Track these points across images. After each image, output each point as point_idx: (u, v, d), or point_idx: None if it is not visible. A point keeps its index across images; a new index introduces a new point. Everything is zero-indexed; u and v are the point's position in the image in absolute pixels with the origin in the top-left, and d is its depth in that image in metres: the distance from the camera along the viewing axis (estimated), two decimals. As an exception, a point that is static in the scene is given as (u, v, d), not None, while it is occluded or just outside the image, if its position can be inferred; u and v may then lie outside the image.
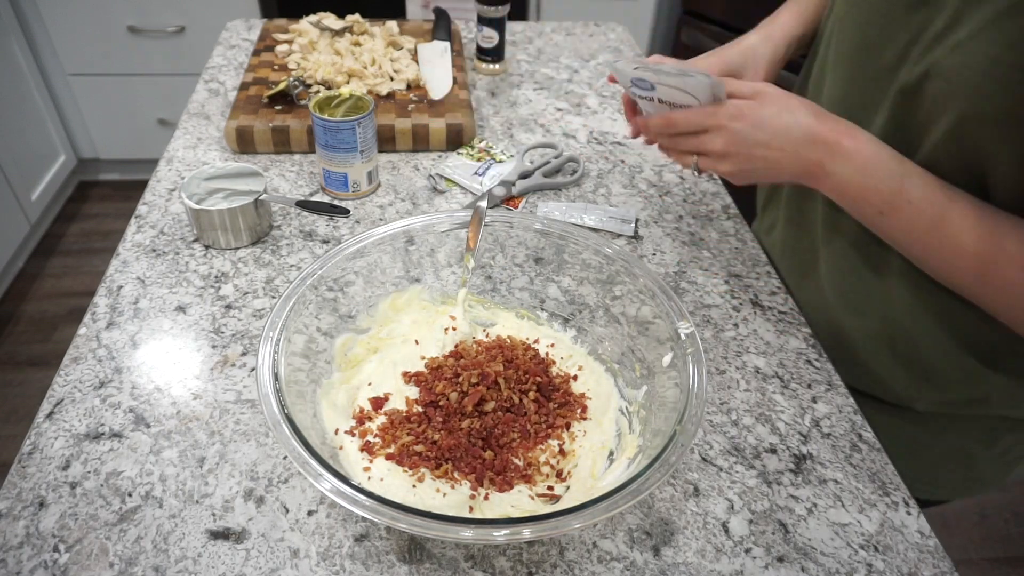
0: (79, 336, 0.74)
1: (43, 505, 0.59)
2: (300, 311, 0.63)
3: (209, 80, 1.20)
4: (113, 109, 2.34)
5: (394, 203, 0.95)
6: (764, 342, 0.78)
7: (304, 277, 0.64)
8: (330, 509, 0.60)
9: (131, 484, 0.61)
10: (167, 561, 0.56)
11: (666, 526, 0.60)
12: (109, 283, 0.81)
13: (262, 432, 0.66)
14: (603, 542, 0.59)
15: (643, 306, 0.67)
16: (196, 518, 0.59)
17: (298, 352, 0.62)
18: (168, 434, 0.65)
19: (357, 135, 0.89)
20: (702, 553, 0.59)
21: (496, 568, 0.57)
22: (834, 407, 0.71)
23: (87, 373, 0.71)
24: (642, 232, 0.93)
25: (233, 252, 0.86)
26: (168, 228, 0.89)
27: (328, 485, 0.49)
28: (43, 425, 0.66)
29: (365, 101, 0.92)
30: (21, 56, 2.12)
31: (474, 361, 0.68)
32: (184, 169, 0.99)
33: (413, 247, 0.72)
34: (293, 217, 0.91)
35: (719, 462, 0.66)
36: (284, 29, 1.27)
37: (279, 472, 0.63)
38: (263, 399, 0.54)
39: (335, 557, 0.57)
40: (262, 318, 0.77)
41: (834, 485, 0.64)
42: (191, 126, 1.08)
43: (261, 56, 1.19)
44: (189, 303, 0.79)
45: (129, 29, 2.17)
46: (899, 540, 0.60)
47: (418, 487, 0.59)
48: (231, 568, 0.56)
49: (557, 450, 0.63)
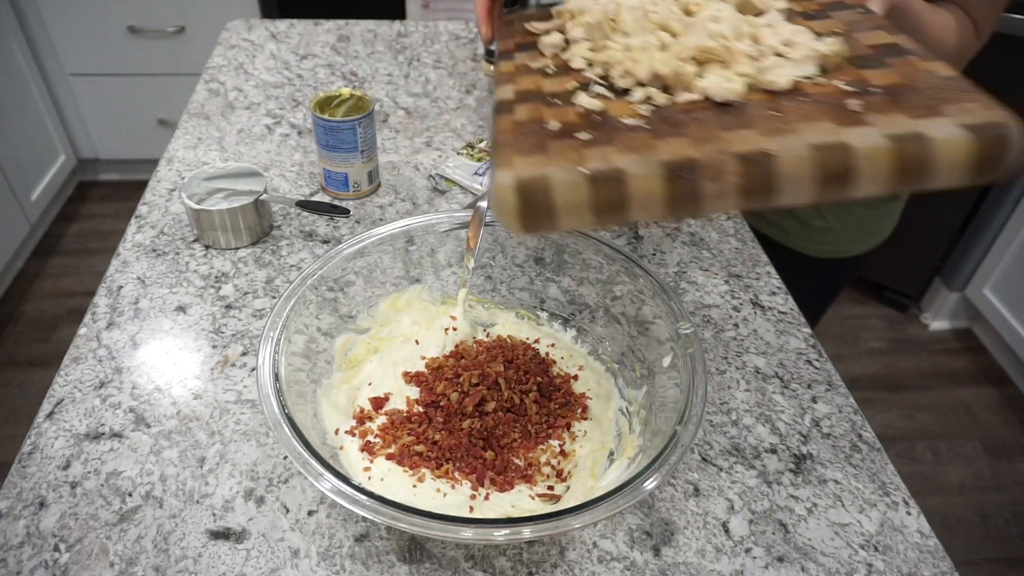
0: (79, 336, 0.74)
1: (43, 505, 0.59)
2: (300, 311, 0.63)
3: (209, 80, 1.20)
4: (113, 109, 2.34)
5: (394, 203, 0.95)
6: (764, 342, 0.78)
7: (304, 277, 0.64)
8: (330, 509, 0.60)
9: (131, 484, 0.61)
10: (167, 561, 0.56)
11: (666, 526, 0.61)
12: (109, 283, 0.81)
13: (262, 432, 0.66)
14: (603, 542, 0.59)
15: (643, 306, 0.67)
16: (196, 518, 0.59)
17: (298, 352, 0.62)
18: (168, 434, 0.65)
19: (357, 135, 0.89)
20: (702, 553, 0.59)
21: (496, 568, 0.57)
22: (834, 407, 0.71)
23: (87, 373, 0.71)
24: (642, 232, 0.93)
25: (233, 252, 0.86)
26: (168, 228, 0.89)
27: (328, 485, 0.49)
28: (43, 425, 0.66)
29: (365, 101, 0.92)
30: (21, 56, 2.12)
31: (474, 361, 0.68)
32: (184, 169, 0.99)
33: (413, 247, 0.72)
34: (293, 217, 0.91)
35: (719, 462, 0.66)
36: (534, 16, 0.68)
37: (279, 472, 0.63)
38: (263, 399, 0.54)
39: (335, 557, 0.57)
40: (262, 318, 0.77)
41: (834, 485, 0.64)
42: (191, 126, 1.08)
43: (515, 59, 0.62)
44: (189, 303, 0.79)
45: (129, 29, 2.17)
46: (899, 540, 0.60)
47: (418, 487, 0.59)
48: (231, 568, 0.56)
49: (558, 450, 0.63)
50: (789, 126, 0.43)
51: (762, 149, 0.42)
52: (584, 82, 0.54)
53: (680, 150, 0.43)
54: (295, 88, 1.19)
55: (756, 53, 0.53)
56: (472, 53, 1.32)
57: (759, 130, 0.44)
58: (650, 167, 0.42)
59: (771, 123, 0.44)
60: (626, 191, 0.43)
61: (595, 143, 0.45)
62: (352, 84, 1.21)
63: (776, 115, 0.45)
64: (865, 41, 0.51)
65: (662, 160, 0.42)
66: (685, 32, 0.55)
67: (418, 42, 1.35)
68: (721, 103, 0.48)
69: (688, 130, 0.45)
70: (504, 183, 0.43)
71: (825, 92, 0.47)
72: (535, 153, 0.45)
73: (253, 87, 1.19)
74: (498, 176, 0.44)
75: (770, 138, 0.42)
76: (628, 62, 0.53)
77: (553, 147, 0.45)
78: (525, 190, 0.43)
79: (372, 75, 1.24)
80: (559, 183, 0.43)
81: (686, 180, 0.42)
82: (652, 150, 0.43)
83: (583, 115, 0.49)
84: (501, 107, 0.54)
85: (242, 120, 1.10)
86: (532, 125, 0.49)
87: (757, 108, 0.46)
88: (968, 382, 1.99)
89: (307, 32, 1.37)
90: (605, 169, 0.42)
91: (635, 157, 0.43)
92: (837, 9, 0.57)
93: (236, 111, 1.12)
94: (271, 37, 1.35)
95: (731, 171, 0.41)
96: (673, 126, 0.46)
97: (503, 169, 0.44)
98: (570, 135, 0.46)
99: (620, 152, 0.44)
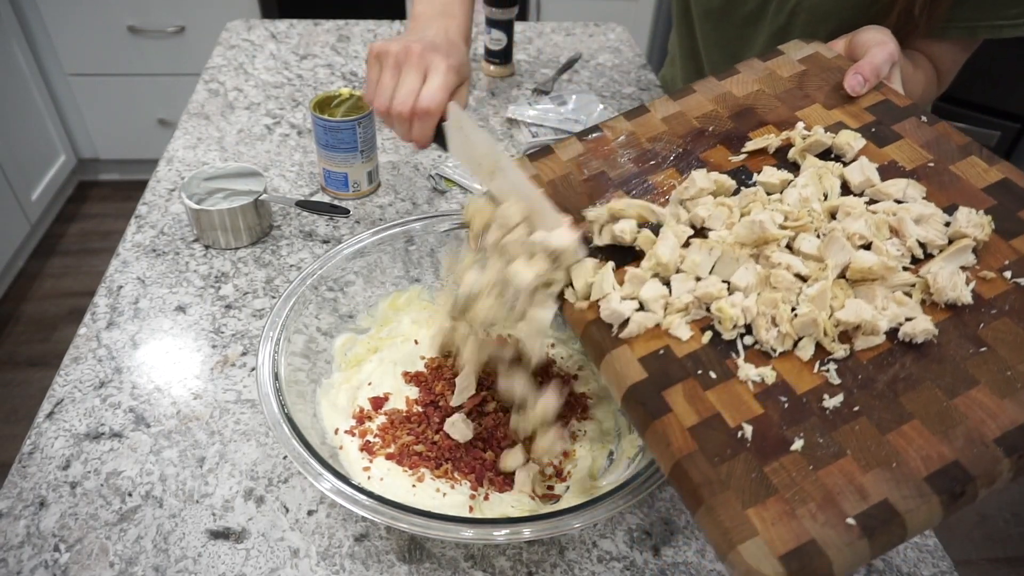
0: (79, 336, 0.74)
1: (43, 505, 0.59)
2: (300, 311, 0.63)
3: (209, 80, 1.20)
4: (113, 109, 2.34)
5: (394, 203, 0.95)
6: (764, 342, 0.78)
7: (304, 277, 0.64)
8: (330, 509, 0.60)
9: (131, 484, 0.61)
10: (167, 561, 0.56)
11: (666, 526, 0.60)
12: (109, 283, 0.81)
13: (262, 432, 0.66)
14: (603, 542, 0.59)
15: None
16: (196, 518, 0.59)
17: (298, 352, 0.62)
18: (168, 434, 0.65)
19: (357, 135, 0.89)
20: (702, 553, 0.59)
21: (496, 568, 0.57)
22: (834, 407, 0.71)
23: (87, 373, 0.71)
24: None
25: (233, 252, 0.86)
26: (168, 228, 0.89)
27: (328, 485, 0.49)
28: (43, 425, 0.66)
29: (365, 101, 0.92)
30: (21, 56, 2.12)
31: (474, 361, 0.68)
32: (184, 169, 0.99)
33: (413, 247, 0.72)
34: (293, 217, 0.91)
35: (719, 462, 0.66)
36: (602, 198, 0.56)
37: (279, 472, 0.63)
38: (263, 399, 0.54)
39: (335, 557, 0.57)
40: (262, 318, 0.77)
41: (834, 485, 0.64)
42: (191, 126, 1.08)
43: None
44: (189, 303, 0.79)
45: (129, 29, 2.17)
46: (899, 540, 0.60)
47: (418, 487, 0.59)
48: (231, 568, 0.56)
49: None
50: (1015, 372, 0.38)
51: (1018, 425, 0.36)
52: (706, 324, 0.45)
53: (929, 449, 0.36)
54: (295, 88, 1.19)
55: (902, 251, 0.45)
56: (472, 53, 1.32)
57: (988, 387, 0.38)
58: (919, 492, 0.35)
59: (992, 371, 0.39)
60: (904, 531, 0.35)
61: (820, 458, 0.37)
62: (352, 84, 1.21)
63: (985, 352, 0.40)
64: (974, 181, 0.48)
65: (925, 477, 0.36)
66: (827, 248, 0.45)
67: (418, 42, 1.35)
68: (909, 343, 0.41)
69: (908, 403, 0.38)
70: (769, 571, 0.34)
71: (1006, 294, 0.42)
72: (766, 499, 0.35)
73: (253, 87, 1.19)
74: (749, 558, 0.34)
75: (1013, 400, 0.37)
76: (774, 306, 0.43)
77: (779, 481, 0.36)
78: (796, 572, 0.34)
79: (372, 75, 1.24)
80: (834, 550, 0.34)
81: (964, 496, 0.36)
82: (899, 460, 0.36)
83: (761, 395, 0.40)
84: (646, 392, 0.42)
85: (242, 120, 1.10)
86: (716, 435, 0.39)
87: (954, 344, 0.40)
88: (968, 382, 1.99)
89: (307, 32, 1.37)
90: (871, 511, 0.35)
91: (887, 478, 0.35)
92: (895, 119, 0.55)
93: (236, 111, 1.12)
94: (271, 37, 1.35)
95: (1004, 468, 0.36)
96: (882, 400, 0.39)
97: (749, 543, 0.34)
98: (783, 449, 0.37)
99: (864, 472, 0.36)
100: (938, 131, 0.53)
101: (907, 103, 0.56)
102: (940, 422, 0.37)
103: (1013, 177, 0.48)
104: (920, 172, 0.50)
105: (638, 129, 0.60)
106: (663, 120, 0.60)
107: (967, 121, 1.80)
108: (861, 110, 0.56)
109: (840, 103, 0.57)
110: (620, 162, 0.57)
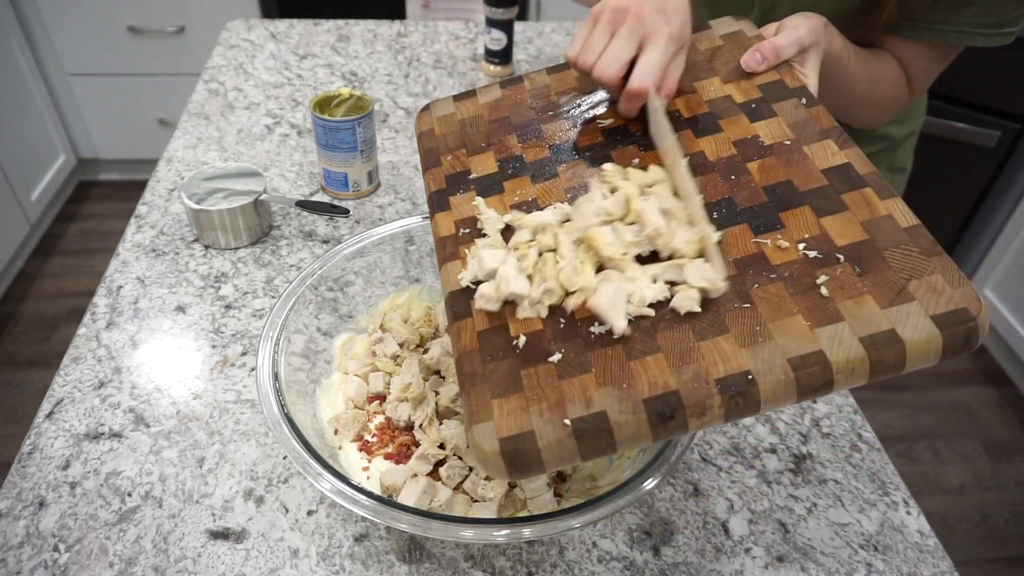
0: (79, 336, 0.74)
1: (43, 505, 0.59)
2: (300, 311, 0.63)
3: (209, 80, 1.20)
4: (113, 109, 2.34)
5: (394, 203, 0.95)
6: (764, 342, 0.78)
7: (304, 277, 0.64)
8: (330, 509, 0.60)
9: (131, 484, 0.61)
10: (167, 561, 0.56)
11: (666, 526, 0.60)
12: (109, 283, 0.81)
13: (262, 432, 0.66)
14: (603, 542, 0.59)
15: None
16: (196, 518, 0.59)
17: (298, 352, 0.62)
18: (168, 434, 0.65)
19: (357, 135, 0.89)
20: (702, 553, 0.59)
21: (496, 568, 0.57)
22: (834, 407, 0.71)
23: (87, 373, 0.71)
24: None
25: (233, 252, 0.86)
26: (168, 228, 0.89)
27: (328, 485, 0.49)
28: (43, 425, 0.65)
29: (365, 101, 0.92)
30: (21, 56, 2.12)
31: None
32: (184, 169, 0.99)
33: (413, 247, 0.72)
34: (293, 217, 0.91)
35: (719, 462, 0.66)
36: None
37: (279, 472, 0.63)
38: (263, 399, 0.54)
39: (335, 557, 0.57)
40: (262, 318, 0.77)
41: (834, 485, 0.64)
42: (191, 126, 1.08)
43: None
44: (189, 303, 0.79)
45: (129, 29, 2.17)
46: (899, 540, 0.60)
47: (418, 487, 0.59)
48: (231, 568, 0.56)
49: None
50: (763, 328, 0.42)
51: (742, 371, 0.40)
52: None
53: (660, 378, 0.41)
54: (295, 88, 1.19)
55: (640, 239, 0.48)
56: (472, 53, 1.32)
57: (735, 336, 0.42)
58: (634, 409, 0.40)
59: (745, 324, 0.43)
60: (612, 440, 0.41)
61: (569, 370, 0.43)
62: (352, 84, 1.21)
63: (747, 308, 0.43)
64: (818, 162, 0.50)
65: (644, 399, 0.41)
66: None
67: (418, 42, 1.35)
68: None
69: (662, 340, 0.43)
70: (488, 448, 0.41)
71: (791, 263, 0.45)
72: (511, 394, 0.42)
73: (253, 87, 1.19)
74: (478, 436, 0.41)
75: (748, 350, 0.41)
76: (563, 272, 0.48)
77: (528, 383, 0.43)
78: (510, 453, 0.41)
79: (372, 75, 1.24)
80: (545, 442, 0.41)
81: (673, 420, 0.40)
82: (631, 382, 0.41)
83: (548, 317, 0.46)
84: (455, 300, 0.49)
85: (242, 120, 1.10)
86: (497, 340, 0.46)
87: (725, 297, 0.44)
88: (968, 382, 1.99)
89: (307, 32, 1.37)
90: (587, 417, 0.41)
91: (615, 394, 0.41)
92: (779, 98, 0.56)
93: (236, 111, 1.12)
94: (271, 37, 1.35)
95: (715, 404, 0.40)
96: (642, 333, 0.44)
97: (482, 424, 0.41)
98: (542, 358, 0.44)
99: (598, 387, 0.42)
100: (811, 114, 0.54)
101: (799, 85, 0.57)
102: (679, 358, 0.42)
103: (856, 164, 0.49)
104: (776, 148, 0.52)
105: (553, 83, 0.64)
106: (577, 78, 0.63)
107: (967, 121, 1.79)
108: (753, 86, 0.57)
109: (737, 79, 0.59)
110: (523, 111, 0.62)
